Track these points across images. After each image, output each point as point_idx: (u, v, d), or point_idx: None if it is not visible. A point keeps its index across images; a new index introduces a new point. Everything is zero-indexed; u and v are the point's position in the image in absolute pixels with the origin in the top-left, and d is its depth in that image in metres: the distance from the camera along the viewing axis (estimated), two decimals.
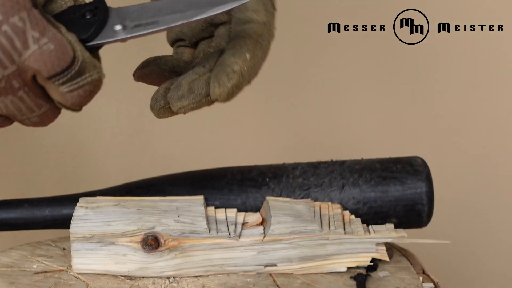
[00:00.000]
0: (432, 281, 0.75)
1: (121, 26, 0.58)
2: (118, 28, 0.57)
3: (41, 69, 0.54)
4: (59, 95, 0.55)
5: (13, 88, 0.53)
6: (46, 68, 0.54)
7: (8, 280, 0.74)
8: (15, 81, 0.53)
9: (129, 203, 0.77)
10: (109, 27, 0.57)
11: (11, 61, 0.53)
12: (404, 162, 0.81)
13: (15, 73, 0.53)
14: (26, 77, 0.53)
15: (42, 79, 0.54)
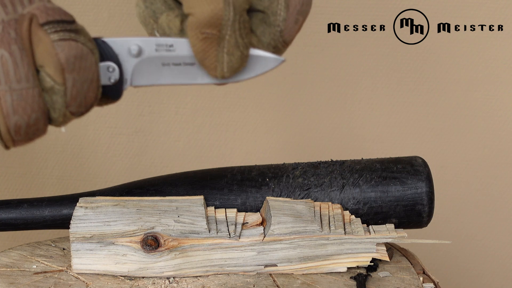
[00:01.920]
0: (432, 281, 0.75)
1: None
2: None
3: (39, 15, 0.53)
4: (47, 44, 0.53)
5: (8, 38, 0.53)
6: (44, 14, 0.53)
7: (7, 280, 0.74)
8: (12, 30, 0.53)
9: (128, 203, 0.77)
10: None
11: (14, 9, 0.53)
12: (404, 162, 0.81)
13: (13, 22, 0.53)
14: (23, 26, 0.53)
15: (35, 27, 0.53)
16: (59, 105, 0.55)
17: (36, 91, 0.54)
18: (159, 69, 0.58)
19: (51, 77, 0.54)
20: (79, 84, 0.54)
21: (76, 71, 0.54)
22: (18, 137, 0.55)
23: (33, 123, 0.54)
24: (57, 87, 0.54)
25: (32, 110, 0.54)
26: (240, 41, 0.56)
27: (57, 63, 0.53)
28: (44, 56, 0.54)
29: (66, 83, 0.54)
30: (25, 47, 0.53)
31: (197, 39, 0.56)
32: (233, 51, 0.56)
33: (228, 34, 0.56)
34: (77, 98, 0.55)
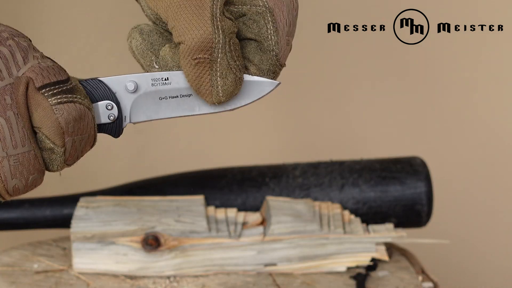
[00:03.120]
0: (431, 281, 0.75)
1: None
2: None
3: (35, 78, 0.53)
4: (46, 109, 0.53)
5: (4, 104, 0.53)
6: (40, 77, 0.53)
7: (9, 279, 0.74)
8: (8, 96, 0.53)
9: (129, 203, 0.77)
10: None
11: (9, 73, 0.53)
12: (403, 162, 0.81)
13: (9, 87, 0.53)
14: (19, 91, 0.53)
15: (32, 91, 0.53)
16: (58, 162, 0.55)
17: (33, 154, 0.54)
18: (156, 103, 0.59)
19: (50, 140, 0.54)
20: (77, 143, 0.55)
21: (75, 133, 0.55)
22: (17, 195, 0.56)
23: (31, 184, 0.55)
24: (57, 149, 0.54)
25: (29, 173, 0.54)
26: (233, 63, 0.57)
27: (57, 127, 0.54)
28: (43, 121, 0.54)
29: (66, 145, 0.55)
30: (21, 112, 0.53)
31: (190, 66, 0.57)
32: (227, 74, 0.57)
33: (219, 57, 0.56)
34: (75, 154, 0.56)
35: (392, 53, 1.22)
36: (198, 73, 0.57)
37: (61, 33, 1.18)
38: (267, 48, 0.58)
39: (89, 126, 0.55)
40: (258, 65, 0.59)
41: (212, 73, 0.57)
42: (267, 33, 0.58)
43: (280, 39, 0.58)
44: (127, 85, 0.58)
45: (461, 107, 1.25)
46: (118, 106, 0.58)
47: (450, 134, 1.26)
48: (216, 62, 0.56)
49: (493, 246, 1.29)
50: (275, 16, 0.58)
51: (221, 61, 0.56)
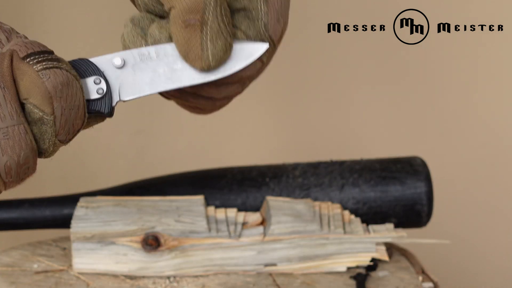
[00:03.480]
0: (431, 281, 0.75)
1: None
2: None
3: (19, 49, 0.53)
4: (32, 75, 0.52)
5: None
6: (24, 48, 0.53)
7: (8, 279, 0.74)
8: None
9: (129, 203, 0.77)
10: None
11: None
12: (403, 162, 0.81)
13: None
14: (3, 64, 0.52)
15: (17, 61, 0.52)
16: (49, 135, 0.54)
17: (22, 128, 0.53)
18: (145, 78, 0.58)
19: (38, 108, 0.53)
20: (67, 111, 0.54)
21: (63, 98, 0.53)
22: (9, 178, 0.54)
23: (23, 162, 0.53)
24: (46, 117, 0.53)
25: (20, 148, 0.53)
26: (223, 27, 0.56)
27: (45, 92, 0.53)
28: (30, 88, 0.53)
29: (55, 112, 0.53)
30: (7, 84, 0.52)
31: (180, 28, 0.56)
32: (217, 37, 0.56)
33: (210, 19, 0.56)
34: (65, 126, 0.54)
35: (392, 53, 1.22)
36: (188, 36, 0.56)
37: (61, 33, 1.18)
38: (255, 16, 0.58)
39: (78, 95, 0.54)
40: (245, 31, 0.58)
41: (202, 36, 0.56)
42: (257, 3, 0.58)
43: (271, 11, 0.58)
44: (114, 61, 0.57)
45: (461, 107, 1.25)
46: (106, 82, 0.57)
47: (450, 134, 1.26)
48: (207, 24, 0.56)
49: (493, 246, 1.30)
50: None
51: (211, 24, 0.56)
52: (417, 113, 1.26)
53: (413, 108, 1.26)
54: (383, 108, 1.26)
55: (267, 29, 0.58)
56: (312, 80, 1.24)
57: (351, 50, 1.22)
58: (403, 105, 1.26)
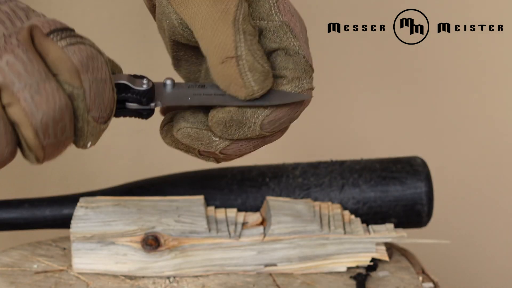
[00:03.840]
0: (431, 281, 0.75)
1: None
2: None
3: (42, 25, 0.53)
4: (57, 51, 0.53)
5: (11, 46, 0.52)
6: (47, 25, 0.53)
7: (8, 279, 0.74)
8: (14, 39, 0.53)
9: (129, 203, 0.77)
10: None
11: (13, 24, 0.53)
12: (403, 162, 0.81)
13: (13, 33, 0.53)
14: (24, 33, 0.53)
15: (40, 37, 0.53)
16: (81, 111, 0.54)
17: (54, 83, 0.53)
18: (190, 96, 0.60)
19: (68, 83, 0.53)
20: (95, 85, 0.54)
21: (90, 71, 0.54)
22: (47, 139, 0.53)
23: (59, 118, 0.53)
24: (76, 91, 0.54)
25: (55, 102, 0.53)
26: (258, 58, 0.58)
27: (72, 67, 0.53)
28: (57, 64, 0.53)
29: (84, 85, 0.54)
30: (30, 49, 0.53)
31: (218, 65, 0.58)
32: (254, 67, 0.58)
33: (244, 53, 0.58)
34: (96, 100, 0.55)
35: (392, 53, 1.22)
36: (226, 71, 0.58)
37: None
38: (294, 52, 0.60)
39: (103, 68, 0.55)
40: (293, 69, 0.60)
41: (240, 68, 0.58)
42: (289, 40, 0.60)
43: (302, 44, 0.61)
44: (166, 81, 0.60)
45: (461, 107, 1.25)
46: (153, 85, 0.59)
47: (450, 134, 1.26)
48: (242, 58, 0.58)
49: (493, 246, 1.29)
50: (292, 27, 0.61)
51: (246, 57, 0.58)
52: (417, 113, 1.26)
53: (413, 108, 1.25)
54: (383, 108, 1.25)
55: (307, 60, 0.61)
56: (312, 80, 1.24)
57: (351, 50, 1.22)
58: (403, 105, 1.26)
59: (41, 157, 0.54)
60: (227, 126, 0.60)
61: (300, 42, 0.61)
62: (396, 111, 1.26)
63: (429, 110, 1.26)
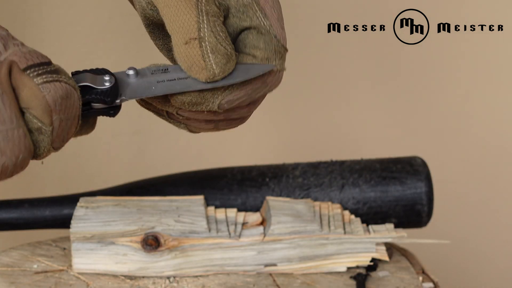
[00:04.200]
0: (431, 281, 0.75)
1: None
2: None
3: (19, 60, 0.54)
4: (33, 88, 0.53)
5: None
6: (24, 60, 0.54)
7: (8, 279, 0.74)
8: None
9: (129, 203, 0.77)
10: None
11: None
12: (404, 162, 0.81)
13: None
14: (1, 72, 0.53)
15: (17, 73, 0.53)
16: (45, 144, 0.55)
17: (22, 131, 0.54)
18: (154, 85, 0.60)
19: (38, 119, 0.54)
20: (64, 122, 0.56)
21: (62, 111, 0.55)
22: (3, 177, 0.55)
23: (20, 163, 0.55)
24: (45, 128, 0.55)
25: (19, 151, 0.54)
26: (221, 39, 0.59)
27: (45, 105, 0.54)
28: (31, 100, 0.54)
29: (53, 123, 0.55)
30: (6, 90, 0.53)
31: (181, 46, 0.59)
32: (217, 48, 0.58)
33: (207, 34, 0.58)
34: (61, 135, 0.56)
35: (392, 53, 1.22)
36: (189, 52, 0.58)
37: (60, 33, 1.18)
38: (265, 31, 0.60)
39: (75, 105, 0.56)
40: (263, 49, 0.60)
41: (202, 49, 0.58)
42: (259, 19, 0.60)
43: (273, 22, 0.60)
44: (128, 71, 0.60)
45: (461, 107, 1.25)
46: (116, 81, 0.59)
47: (450, 134, 1.26)
48: (205, 39, 0.58)
49: (493, 246, 1.29)
50: (262, 6, 0.60)
51: (209, 38, 0.58)
52: (417, 113, 1.26)
53: (413, 108, 1.25)
54: (383, 108, 1.25)
55: (279, 40, 0.60)
56: (312, 80, 1.24)
57: (351, 50, 1.22)
58: (403, 105, 1.26)
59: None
60: (186, 105, 0.61)
61: (271, 21, 0.60)
62: (396, 111, 1.26)
63: (429, 110, 1.26)
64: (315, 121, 1.26)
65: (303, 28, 1.21)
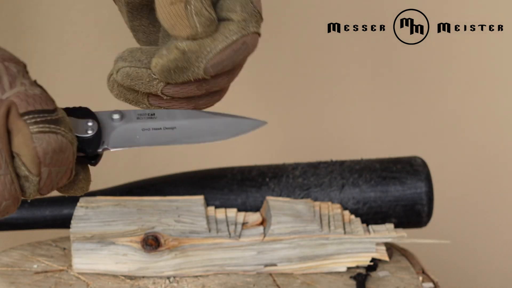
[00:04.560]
0: (431, 281, 0.75)
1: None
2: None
3: (19, 103, 0.52)
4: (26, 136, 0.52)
5: None
6: (25, 103, 0.53)
7: (8, 279, 0.74)
8: None
9: (129, 203, 0.77)
10: None
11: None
12: (404, 162, 0.81)
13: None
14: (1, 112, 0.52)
15: (14, 116, 0.52)
16: (31, 191, 0.54)
17: (8, 178, 0.53)
18: (138, 134, 0.59)
19: (26, 167, 0.53)
20: (54, 175, 0.54)
21: (52, 164, 0.54)
22: None
23: (3, 209, 0.54)
24: (32, 177, 0.53)
25: (3, 198, 0.53)
26: (206, 5, 0.59)
27: (34, 156, 0.53)
28: (22, 147, 0.53)
29: (41, 175, 0.54)
30: (0, 132, 0.52)
31: (166, 6, 0.59)
32: (201, 12, 0.59)
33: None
34: (49, 186, 0.55)
35: (392, 53, 1.22)
36: (174, 11, 0.59)
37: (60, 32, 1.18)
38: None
39: (69, 159, 0.55)
40: (239, 11, 0.61)
41: (187, 11, 0.59)
42: None
43: None
44: (113, 115, 0.59)
45: (461, 107, 1.25)
46: (99, 127, 0.57)
47: (450, 134, 1.26)
48: (190, 3, 0.59)
49: (493, 246, 1.29)
50: None
51: (195, 2, 0.59)
52: (417, 113, 1.26)
53: (413, 108, 1.25)
54: (383, 108, 1.25)
55: (255, 6, 0.61)
56: (312, 80, 1.24)
57: (351, 50, 1.22)
58: (403, 105, 1.26)
59: None
60: (171, 72, 0.60)
61: None
62: (396, 111, 1.26)
63: (429, 110, 1.25)
64: (315, 121, 1.26)
65: (303, 28, 1.21)
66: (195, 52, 0.60)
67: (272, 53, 1.19)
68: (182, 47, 0.59)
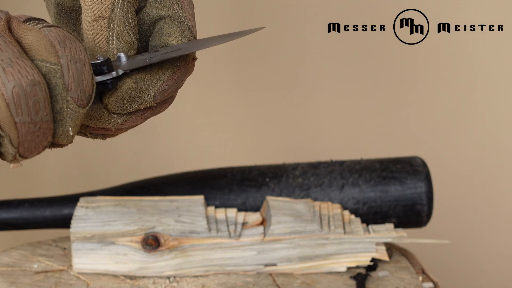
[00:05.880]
0: (431, 281, 0.75)
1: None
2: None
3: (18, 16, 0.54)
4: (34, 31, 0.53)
5: None
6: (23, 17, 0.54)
7: (8, 279, 0.74)
8: None
9: (129, 203, 0.77)
10: None
11: None
12: (403, 162, 0.81)
13: None
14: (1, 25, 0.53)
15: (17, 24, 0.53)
16: (59, 89, 0.53)
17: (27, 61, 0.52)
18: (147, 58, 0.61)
19: (45, 60, 0.53)
20: (73, 63, 0.54)
21: (67, 49, 0.54)
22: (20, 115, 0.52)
23: (32, 92, 0.52)
24: (54, 67, 0.53)
25: (27, 75, 0.52)
26: (128, 27, 0.60)
27: (48, 43, 0.53)
28: (34, 43, 0.53)
29: (61, 61, 0.53)
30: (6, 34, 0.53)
31: (90, 22, 0.60)
32: (122, 34, 0.60)
33: (117, 18, 0.60)
34: (74, 79, 0.54)
35: (392, 53, 1.22)
36: (96, 29, 0.60)
37: None
38: (180, 20, 0.62)
39: (81, 50, 0.55)
40: (179, 37, 0.62)
41: (109, 31, 0.59)
42: (175, 10, 0.62)
43: (188, 16, 0.62)
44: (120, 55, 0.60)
45: (461, 107, 1.25)
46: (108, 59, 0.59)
47: (450, 134, 1.26)
48: (114, 21, 0.59)
49: (493, 246, 1.30)
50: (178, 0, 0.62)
51: (118, 22, 0.59)
52: (417, 113, 1.26)
53: (413, 108, 1.26)
54: (383, 108, 1.26)
55: (193, 32, 0.62)
56: (312, 80, 1.24)
57: (351, 50, 1.22)
58: (403, 105, 1.26)
59: (15, 142, 0.53)
60: (124, 102, 0.60)
61: (186, 13, 0.62)
62: (396, 111, 1.26)
63: (429, 110, 1.26)
64: (315, 121, 1.26)
65: (303, 28, 1.21)
66: (146, 81, 0.60)
67: (272, 53, 1.20)
68: (134, 76, 0.60)
